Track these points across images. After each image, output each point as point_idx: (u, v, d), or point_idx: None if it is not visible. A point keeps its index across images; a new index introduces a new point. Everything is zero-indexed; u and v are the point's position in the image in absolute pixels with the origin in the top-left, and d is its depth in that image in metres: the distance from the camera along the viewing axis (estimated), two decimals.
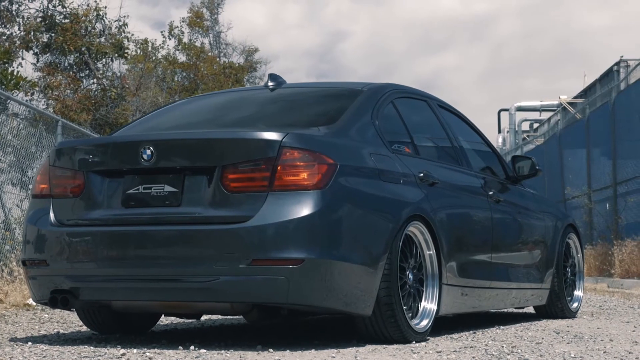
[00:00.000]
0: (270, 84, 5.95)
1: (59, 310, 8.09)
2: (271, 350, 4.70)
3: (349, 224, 4.79)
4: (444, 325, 6.33)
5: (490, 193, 6.42)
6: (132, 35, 23.53)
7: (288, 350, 4.71)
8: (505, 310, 8.53)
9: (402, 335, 5.01)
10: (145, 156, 4.85)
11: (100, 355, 4.46)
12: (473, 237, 6.08)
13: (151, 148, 4.85)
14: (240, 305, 4.79)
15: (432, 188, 5.53)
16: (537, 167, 7.01)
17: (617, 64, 28.59)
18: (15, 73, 15.54)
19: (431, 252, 5.40)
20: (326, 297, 4.70)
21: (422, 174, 5.47)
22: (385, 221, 5.00)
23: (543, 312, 7.46)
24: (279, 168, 4.66)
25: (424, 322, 5.30)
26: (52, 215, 5.11)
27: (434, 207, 5.44)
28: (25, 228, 5.33)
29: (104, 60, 22.91)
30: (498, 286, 6.44)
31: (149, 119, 6.00)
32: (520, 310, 8.53)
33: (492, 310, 7.44)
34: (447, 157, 6.28)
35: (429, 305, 5.38)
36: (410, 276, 5.23)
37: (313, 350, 4.71)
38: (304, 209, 4.62)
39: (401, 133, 5.81)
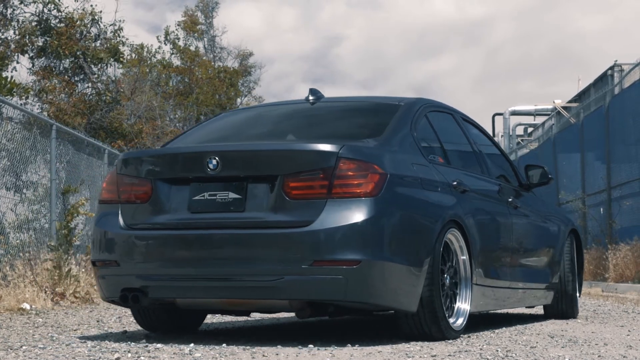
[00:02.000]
0: (310, 98, 6.36)
1: (53, 314, 8.09)
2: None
3: (398, 229, 5.23)
4: None
5: (510, 200, 6.92)
6: (127, 39, 23.49)
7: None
8: (501, 311, 8.55)
9: (441, 332, 5.46)
10: (211, 166, 5.27)
11: None
12: (497, 241, 6.58)
13: (217, 158, 5.27)
14: (298, 302, 5.18)
15: (463, 195, 5.98)
16: (549, 176, 7.50)
17: (611, 68, 28.65)
18: (9, 79, 15.50)
19: (464, 257, 5.88)
20: (378, 295, 5.14)
21: (455, 182, 5.93)
22: (428, 226, 5.45)
23: (549, 312, 7.91)
24: (336, 177, 5.11)
25: (460, 321, 5.77)
26: (120, 219, 5.52)
27: (466, 213, 5.91)
28: (94, 231, 5.73)
29: (99, 64, 22.89)
30: (516, 287, 6.92)
31: (201, 131, 6.41)
32: (515, 312, 8.54)
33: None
34: (472, 166, 6.73)
35: (462, 305, 5.86)
36: (447, 278, 5.68)
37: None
38: (360, 215, 5.05)
39: (434, 144, 6.24)
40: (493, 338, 5.79)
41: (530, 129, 40.67)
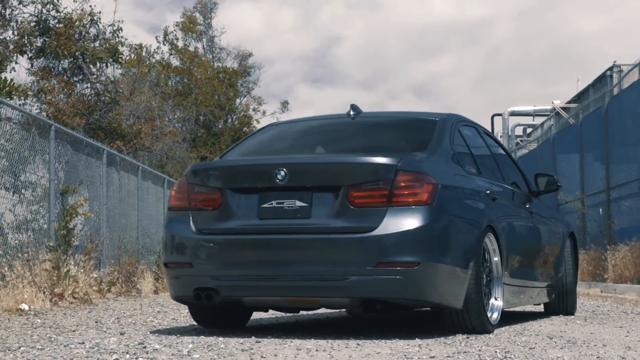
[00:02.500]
0: (351, 113, 6.85)
1: (51, 315, 8.09)
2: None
3: (448, 234, 5.82)
4: (436, 330, 6.33)
5: (527, 206, 7.62)
6: (126, 40, 23.46)
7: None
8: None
9: (483, 325, 6.09)
10: (279, 176, 5.81)
11: None
12: (520, 243, 7.20)
13: (285, 170, 5.81)
14: (357, 300, 5.76)
15: (494, 203, 6.60)
16: (557, 184, 8.15)
17: (610, 69, 28.66)
18: (8, 81, 15.48)
19: (497, 259, 6.52)
20: (433, 293, 5.74)
21: (488, 191, 6.57)
22: (472, 230, 6.09)
23: (551, 309, 8.51)
24: (395, 187, 5.68)
25: (495, 315, 6.45)
26: (192, 225, 6.04)
27: (497, 218, 6.54)
28: (165, 236, 6.23)
29: (98, 65, 22.86)
30: (532, 285, 7.56)
31: (254, 143, 6.92)
32: (512, 310, 8.54)
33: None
34: (496, 175, 7.31)
35: (496, 302, 6.54)
36: (485, 278, 6.25)
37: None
38: (417, 222, 5.63)
39: (467, 155, 6.80)
40: (492, 339, 5.78)
41: (529, 130, 40.67)
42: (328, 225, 5.72)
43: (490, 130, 43.19)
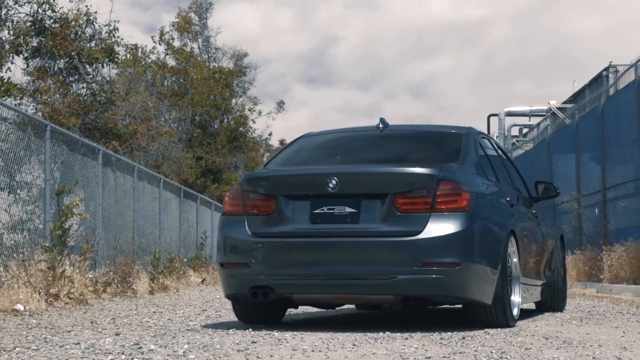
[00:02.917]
0: (380, 126, 7.40)
1: (47, 315, 8.07)
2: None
3: (482, 237, 6.40)
4: (433, 326, 6.33)
5: (534, 212, 8.27)
6: (122, 40, 23.39)
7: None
8: None
9: (507, 321, 6.66)
10: (331, 185, 6.40)
11: None
12: (531, 245, 7.85)
13: (336, 179, 6.41)
14: (399, 297, 6.37)
15: (512, 209, 7.16)
16: (557, 191, 8.67)
17: (607, 69, 28.67)
18: (5, 79, 15.43)
19: (516, 260, 7.10)
20: (470, 291, 6.32)
21: (508, 198, 7.19)
22: (500, 234, 6.67)
23: (543, 307, 9.13)
24: (437, 195, 6.27)
25: (515, 311, 7.01)
26: (247, 228, 6.59)
27: (516, 223, 7.16)
28: (221, 238, 6.78)
29: (94, 65, 22.79)
30: (534, 284, 8.13)
31: (293, 153, 7.47)
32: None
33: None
34: (508, 182, 7.88)
35: (516, 299, 7.10)
36: (507, 277, 6.75)
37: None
38: (458, 226, 6.23)
39: (488, 165, 7.40)
40: (487, 339, 5.77)
41: (525, 130, 40.67)
42: (376, 229, 6.30)
43: (486, 130, 43.30)
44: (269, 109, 56.61)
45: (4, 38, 21.57)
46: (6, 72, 20.66)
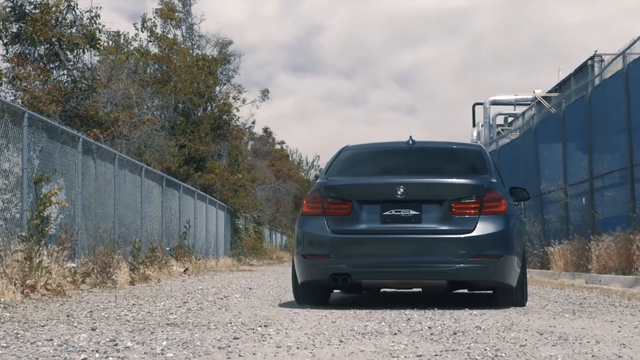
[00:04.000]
0: (410, 142, 8.98)
1: (21, 308, 7.80)
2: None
3: (515, 234, 8.14)
4: (423, 320, 6.10)
5: (520, 212, 10.11)
6: (104, 26, 22.98)
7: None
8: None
9: (523, 300, 8.43)
10: (399, 192, 8.05)
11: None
12: (524, 241, 9.03)
13: (403, 187, 8.06)
14: (449, 282, 8.15)
15: (518, 209, 8.54)
16: (528, 195, 9.66)
17: (592, 58, 28.53)
18: None
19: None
20: (506, 277, 8.02)
21: (514, 200, 8.93)
22: (523, 231, 8.65)
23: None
24: (484, 202, 8.02)
25: (526, 294, 8.59)
26: (327, 226, 8.13)
27: (522, 221, 8.73)
28: (302, 234, 8.27)
29: (75, 51, 22.39)
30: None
31: (343, 164, 8.96)
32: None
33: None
34: (505, 186, 9.14)
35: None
36: (526, 265, 8.22)
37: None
38: (500, 226, 8.00)
39: (498, 174, 8.96)
40: (480, 335, 5.54)
41: (510, 119, 40.53)
42: (435, 228, 7.94)
43: (471, 119, 43.15)
44: (254, 97, 56.22)
45: None
46: None
